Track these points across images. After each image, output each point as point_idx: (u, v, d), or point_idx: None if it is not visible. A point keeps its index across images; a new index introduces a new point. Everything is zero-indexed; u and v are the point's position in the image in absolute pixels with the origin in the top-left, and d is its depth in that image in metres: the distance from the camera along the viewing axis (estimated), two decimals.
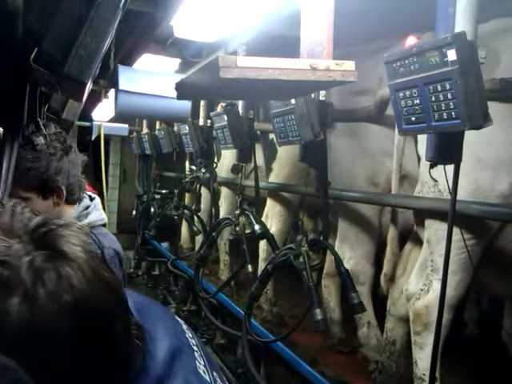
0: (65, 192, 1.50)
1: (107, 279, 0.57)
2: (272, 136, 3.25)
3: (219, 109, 3.22)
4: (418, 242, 2.32)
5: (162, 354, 0.66)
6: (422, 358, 2.02)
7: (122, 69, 3.45)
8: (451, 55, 1.36)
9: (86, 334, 0.53)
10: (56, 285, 0.51)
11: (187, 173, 5.05)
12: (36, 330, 0.49)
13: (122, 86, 3.36)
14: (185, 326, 0.78)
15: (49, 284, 0.50)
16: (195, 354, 0.73)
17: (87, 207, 1.63)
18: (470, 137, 1.50)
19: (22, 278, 0.49)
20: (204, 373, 0.70)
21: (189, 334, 0.76)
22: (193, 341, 0.75)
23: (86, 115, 5.67)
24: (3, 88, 1.39)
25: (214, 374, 0.73)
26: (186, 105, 3.65)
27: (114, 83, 3.47)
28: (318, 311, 2.12)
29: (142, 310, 0.69)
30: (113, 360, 0.57)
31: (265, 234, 2.78)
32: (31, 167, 1.45)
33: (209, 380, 0.70)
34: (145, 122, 5.79)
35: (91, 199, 1.67)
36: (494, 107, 1.44)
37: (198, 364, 0.71)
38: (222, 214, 4.23)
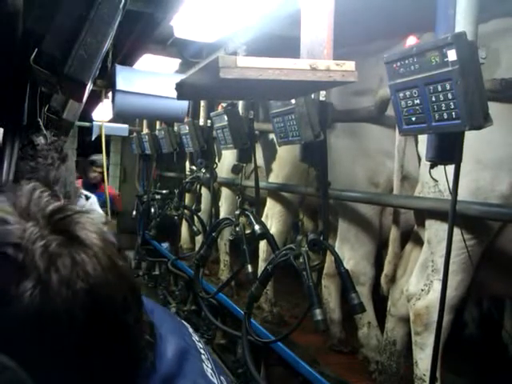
0: (62, 200, 1.50)
1: (122, 268, 0.56)
2: (272, 136, 3.25)
3: (219, 109, 3.22)
4: (419, 243, 2.32)
5: (171, 353, 0.65)
6: (423, 359, 2.01)
7: (119, 69, 3.45)
8: (451, 55, 1.36)
9: (98, 324, 0.52)
10: (70, 271, 0.50)
11: (187, 173, 5.04)
12: (48, 317, 0.48)
13: (119, 86, 3.36)
14: (191, 330, 0.78)
15: (63, 270, 0.49)
16: (202, 357, 0.72)
17: (82, 207, 1.63)
18: (471, 137, 1.50)
19: (36, 262, 0.49)
20: (212, 376, 0.70)
21: (195, 338, 0.76)
22: (199, 344, 0.75)
23: (86, 115, 5.67)
24: (3, 88, 1.39)
25: (222, 378, 0.72)
26: (183, 105, 3.64)
27: (112, 83, 3.47)
28: (318, 311, 2.11)
29: (147, 311, 0.68)
30: (123, 354, 0.56)
31: (265, 234, 2.78)
32: (30, 178, 1.45)
33: (216, 383, 0.70)
34: (145, 122, 5.79)
35: (87, 198, 1.68)
36: (494, 107, 1.44)
37: (205, 367, 0.70)
38: (222, 215, 4.23)
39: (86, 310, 0.50)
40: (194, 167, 4.44)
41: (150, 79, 3.53)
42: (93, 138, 5.69)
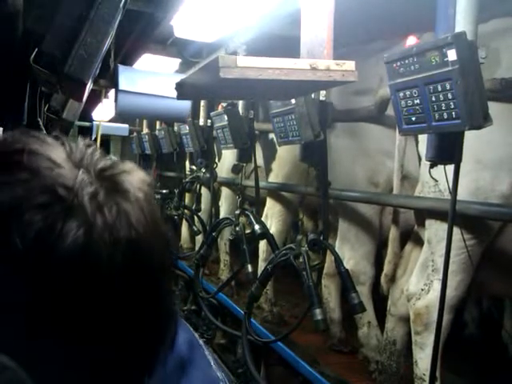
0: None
1: (162, 228, 0.57)
2: (272, 136, 3.25)
3: (219, 109, 3.22)
4: (419, 242, 2.32)
5: (182, 339, 0.66)
6: (423, 358, 2.01)
7: (121, 69, 3.46)
8: (451, 55, 1.36)
9: (136, 276, 0.52)
10: (115, 219, 0.51)
11: (187, 173, 5.04)
12: (89, 259, 0.49)
13: (122, 86, 3.37)
14: (191, 328, 0.79)
15: (108, 216, 0.50)
16: (205, 352, 0.73)
17: None
18: (471, 137, 1.50)
19: (83, 205, 0.49)
20: (215, 370, 0.71)
21: (196, 335, 0.77)
22: (200, 341, 0.76)
23: (86, 115, 5.67)
24: (3, 88, 1.39)
25: (223, 373, 0.73)
26: (186, 105, 3.65)
27: (115, 83, 3.47)
28: (317, 311, 2.11)
29: None
30: (153, 318, 0.55)
31: (265, 234, 2.78)
32: None
33: (220, 377, 0.70)
34: (145, 122, 5.79)
35: None
36: (494, 107, 1.44)
37: (209, 361, 0.71)
38: (222, 214, 4.22)
39: (126, 258, 0.51)
40: (194, 167, 4.44)
41: (153, 79, 3.54)
42: (93, 138, 5.69)
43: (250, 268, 2.71)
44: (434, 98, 1.43)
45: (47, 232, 0.48)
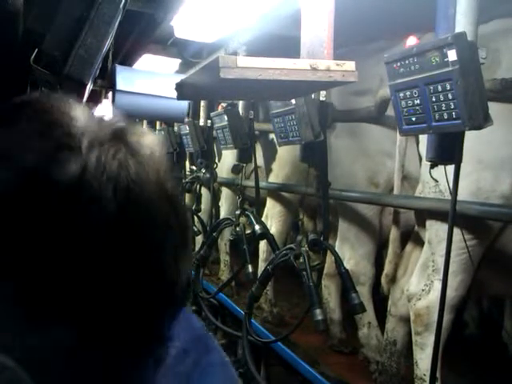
0: None
1: (169, 190, 0.56)
2: (272, 136, 3.26)
3: (219, 109, 3.22)
4: (419, 243, 2.32)
5: (199, 323, 0.66)
6: (423, 359, 2.01)
7: (119, 69, 3.45)
8: (452, 55, 1.36)
9: (133, 233, 0.50)
10: (114, 169, 0.51)
11: (187, 173, 5.04)
12: (81, 200, 0.48)
13: (119, 87, 3.37)
14: None
15: (106, 165, 0.50)
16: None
17: None
18: (471, 137, 1.49)
19: (82, 149, 0.50)
20: None
21: None
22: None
23: None
24: (3, 88, 1.39)
25: None
26: (184, 105, 3.65)
27: (112, 83, 3.47)
28: (318, 311, 2.11)
29: None
30: (155, 282, 0.52)
31: (265, 234, 2.78)
32: None
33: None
34: (145, 122, 5.79)
35: None
36: (494, 107, 1.44)
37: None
38: (223, 215, 4.22)
39: (120, 209, 0.50)
40: (194, 167, 4.44)
41: (150, 79, 3.53)
42: None
43: (250, 268, 2.71)
44: (434, 99, 1.43)
45: (44, 164, 0.48)
